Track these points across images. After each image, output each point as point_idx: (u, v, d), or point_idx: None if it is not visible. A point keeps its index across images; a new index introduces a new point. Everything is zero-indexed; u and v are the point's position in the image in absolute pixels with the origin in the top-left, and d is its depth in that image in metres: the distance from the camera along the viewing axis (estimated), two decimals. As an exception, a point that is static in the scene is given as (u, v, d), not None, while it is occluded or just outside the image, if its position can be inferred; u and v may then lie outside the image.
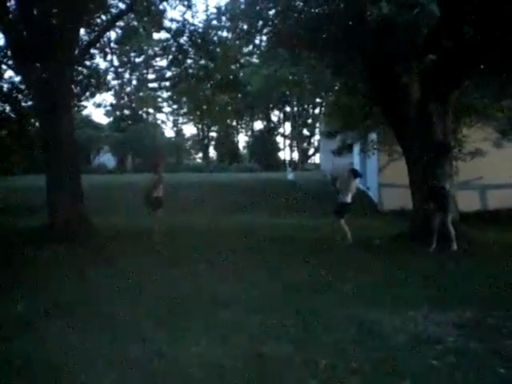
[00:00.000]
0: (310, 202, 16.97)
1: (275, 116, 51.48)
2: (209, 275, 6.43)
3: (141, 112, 42.06)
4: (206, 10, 17.57)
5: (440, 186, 8.88)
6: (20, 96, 13.19)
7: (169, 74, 16.77)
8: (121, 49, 14.15)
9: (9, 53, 11.79)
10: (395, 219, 13.09)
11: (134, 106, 30.46)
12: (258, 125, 51.89)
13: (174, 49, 13.49)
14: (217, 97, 18.19)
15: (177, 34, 12.87)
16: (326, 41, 8.97)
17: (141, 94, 18.65)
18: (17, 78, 13.15)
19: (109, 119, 44.52)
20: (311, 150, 50.70)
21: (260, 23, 9.71)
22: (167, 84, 18.57)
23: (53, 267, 7.10)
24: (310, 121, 48.20)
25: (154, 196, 9.57)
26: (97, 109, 75.63)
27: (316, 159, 47.28)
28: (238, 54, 12.88)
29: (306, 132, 49.45)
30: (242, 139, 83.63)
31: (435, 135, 9.26)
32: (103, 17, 12.59)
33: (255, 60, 12.11)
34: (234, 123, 49.76)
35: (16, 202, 16.53)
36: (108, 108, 34.67)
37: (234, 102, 27.45)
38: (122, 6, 12.35)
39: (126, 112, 41.17)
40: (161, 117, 53.97)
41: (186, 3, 12.82)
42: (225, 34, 12.97)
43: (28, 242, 9.08)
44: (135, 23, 12.79)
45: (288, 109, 47.46)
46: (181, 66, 13.92)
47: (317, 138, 46.61)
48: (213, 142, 51.35)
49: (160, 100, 38.12)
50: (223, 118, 40.66)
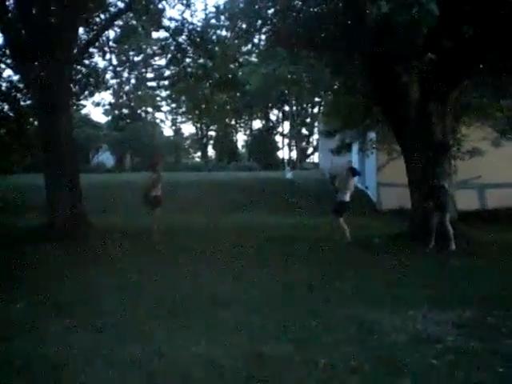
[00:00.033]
0: (309, 200, 16.98)
1: (274, 115, 51.57)
2: (208, 275, 6.42)
3: (139, 111, 42.09)
4: (205, 9, 17.45)
5: (440, 185, 8.89)
6: (19, 95, 13.17)
7: (167, 72, 16.82)
8: (119, 48, 14.16)
9: (7, 52, 11.76)
10: (394, 218, 13.10)
11: (132, 104, 30.50)
12: (257, 124, 52.02)
13: (172, 48, 13.48)
14: (215, 96, 18.20)
15: (175, 32, 12.85)
16: (325, 40, 8.99)
17: (139, 92, 18.68)
18: (15, 77, 13.16)
19: (107, 118, 44.54)
20: (310, 149, 50.83)
21: (259, 22, 9.72)
22: (166, 83, 18.61)
23: (52, 266, 7.10)
24: (308, 120, 48.22)
25: (153, 195, 9.58)
26: (95, 108, 76.11)
27: (315, 158, 47.39)
28: (236, 52, 12.88)
29: (304, 131, 49.55)
30: (240, 138, 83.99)
31: (435, 135, 9.27)
32: (102, 16, 12.57)
33: (254, 59, 12.10)
34: (233, 122, 49.79)
35: (15, 200, 16.50)
36: (107, 107, 34.78)
37: (232, 100, 27.49)
38: (120, 4, 12.38)
39: (125, 111, 41.15)
40: (159, 116, 54.28)
41: (184, 2, 12.82)
42: (224, 32, 12.95)
43: (27, 240, 9.09)
44: (134, 22, 12.81)
45: (287, 108, 47.45)
46: (179, 64, 13.91)
47: (315, 137, 46.71)
48: (211, 141, 51.37)
49: (159, 99, 38.28)
50: (222, 116, 40.71)
